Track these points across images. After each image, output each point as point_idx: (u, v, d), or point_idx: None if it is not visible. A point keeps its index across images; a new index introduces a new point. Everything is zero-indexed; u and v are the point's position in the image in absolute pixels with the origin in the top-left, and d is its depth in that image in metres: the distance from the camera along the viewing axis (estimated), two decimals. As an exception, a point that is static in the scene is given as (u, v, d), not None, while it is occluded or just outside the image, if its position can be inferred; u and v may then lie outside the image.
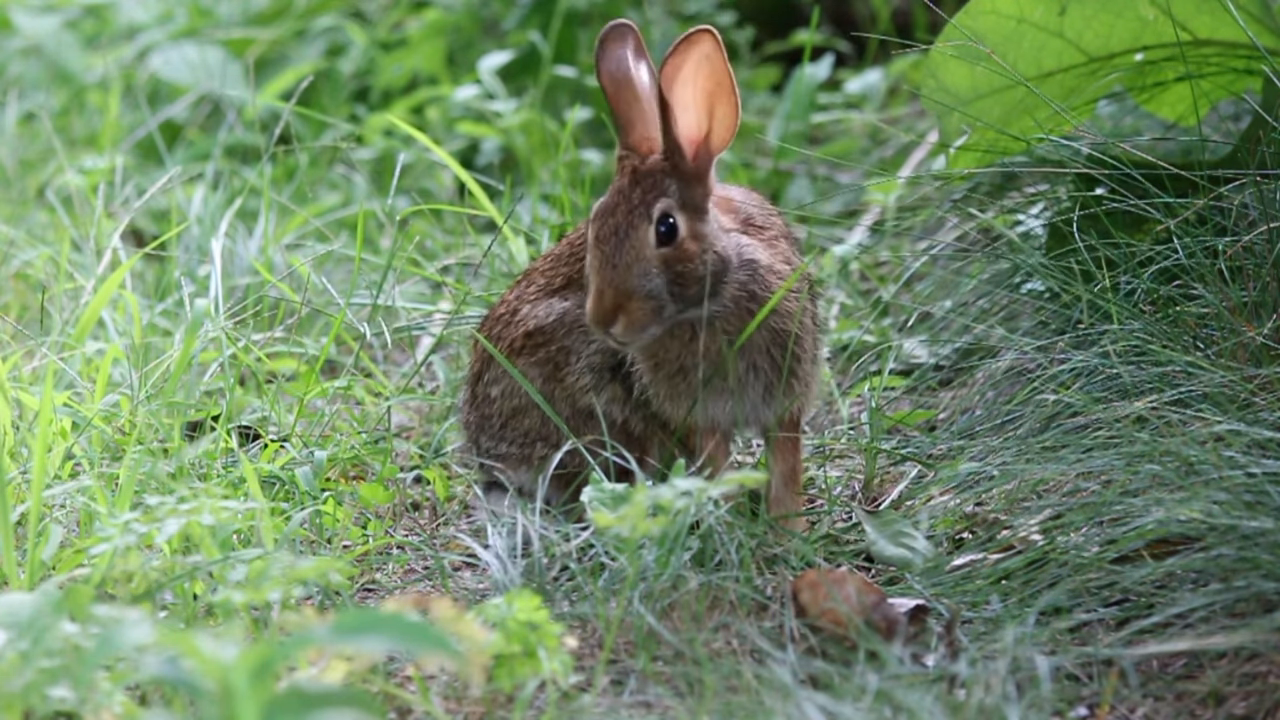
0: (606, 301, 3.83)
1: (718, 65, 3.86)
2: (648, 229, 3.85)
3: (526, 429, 4.11)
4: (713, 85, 3.87)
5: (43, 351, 4.55)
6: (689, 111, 3.88)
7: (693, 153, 3.89)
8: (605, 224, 3.86)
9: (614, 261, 3.83)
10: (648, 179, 3.88)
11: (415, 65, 6.69)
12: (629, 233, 3.84)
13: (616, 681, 3.54)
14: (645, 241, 3.85)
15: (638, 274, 3.83)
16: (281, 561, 3.44)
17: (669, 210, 3.86)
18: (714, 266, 3.88)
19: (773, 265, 3.96)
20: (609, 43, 3.96)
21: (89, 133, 6.73)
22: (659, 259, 3.85)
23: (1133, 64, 4.58)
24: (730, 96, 3.87)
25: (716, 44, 3.85)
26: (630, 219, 3.85)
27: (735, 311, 3.92)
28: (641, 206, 3.86)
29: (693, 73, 3.86)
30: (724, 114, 3.89)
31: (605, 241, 3.85)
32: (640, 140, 3.91)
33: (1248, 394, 3.88)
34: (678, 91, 3.86)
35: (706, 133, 3.89)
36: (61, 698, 3.17)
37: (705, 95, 3.87)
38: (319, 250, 5.11)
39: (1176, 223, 4.27)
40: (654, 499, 3.51)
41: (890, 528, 4.00)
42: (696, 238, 3.87)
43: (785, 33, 6.81)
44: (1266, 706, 3.39)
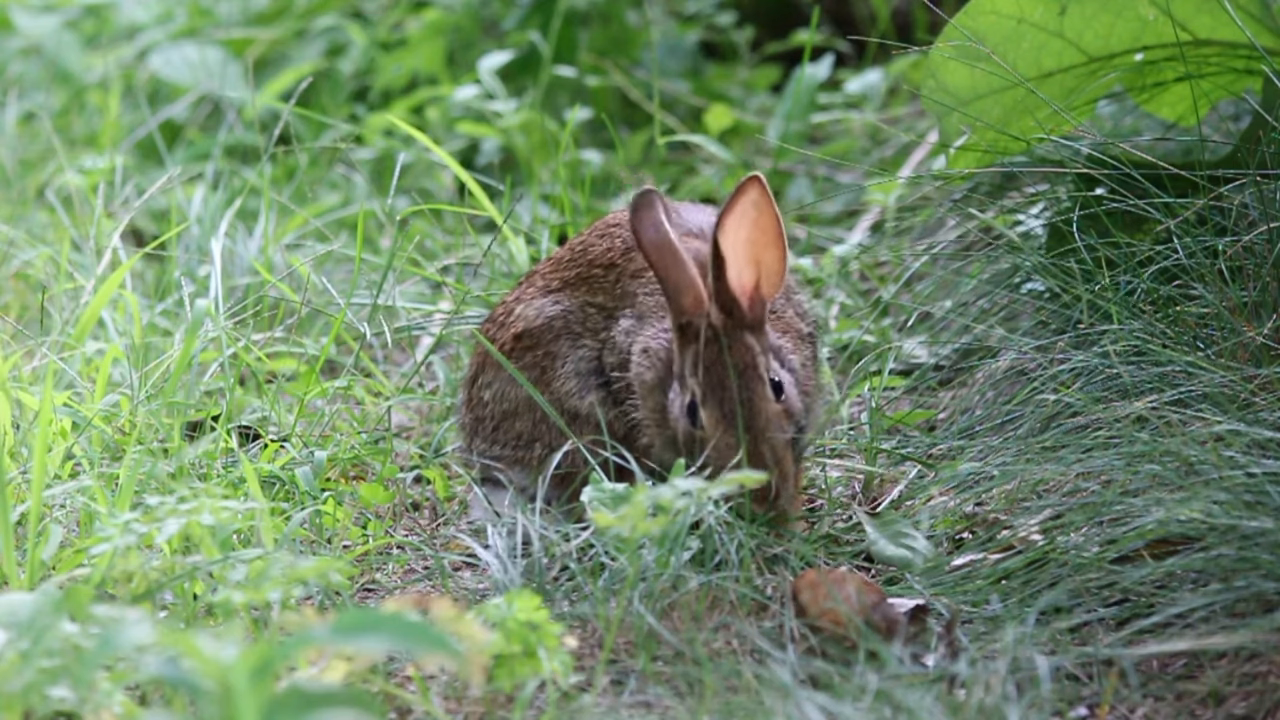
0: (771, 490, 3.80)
1: (766, 211, 3.83)
2: (764, 388, 3.84)
3: (519, 431, 4.11)
4: (759, 233, 3.84)
5: (43, 351, 4.55)
6: (739, 263, 3.84)
7: (749, 304, 3.86)
8: (727, 399, 3.81)
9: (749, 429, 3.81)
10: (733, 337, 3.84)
11: (415, 65, 6.69)
12: (751, 399, 3.82)
13: (616, 681, 3.54)
14: (768, 399, 3.84)
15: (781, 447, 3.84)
16: (281, 561, 3.44)
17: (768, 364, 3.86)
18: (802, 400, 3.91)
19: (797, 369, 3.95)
20: (642, 211, 3.89)
21: (89, 133, 6.73)
22: (778, 413, 3.85)
23: (1133, 64, 4.59)
24: (778, 242, 3.85)
25: (764, 191, 3.81)
26: (747, 383, 3.83)
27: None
28: (749, 368, 3.83)
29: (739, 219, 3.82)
30: (773, 258, 3.86)
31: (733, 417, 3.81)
32: (694, 303, 3.87)
33: (1248, 394, 3.88)
34: (729, 242, 3.82)
35: (756, 281, 3.87)
36: (61, 698, 3.17)
37: (751, 244, 3.85)
38: (319, 250, 5.11)
39: (1176, 223, 4.27)
40: (654, 499, 3.52)
41: (890, 528, 4.00)
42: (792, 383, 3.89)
43: (785, 33, 6.81)
44: (1266, 706, 3.39)
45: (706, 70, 6.80)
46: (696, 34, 6.87)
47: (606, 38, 6.68)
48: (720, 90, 6.71)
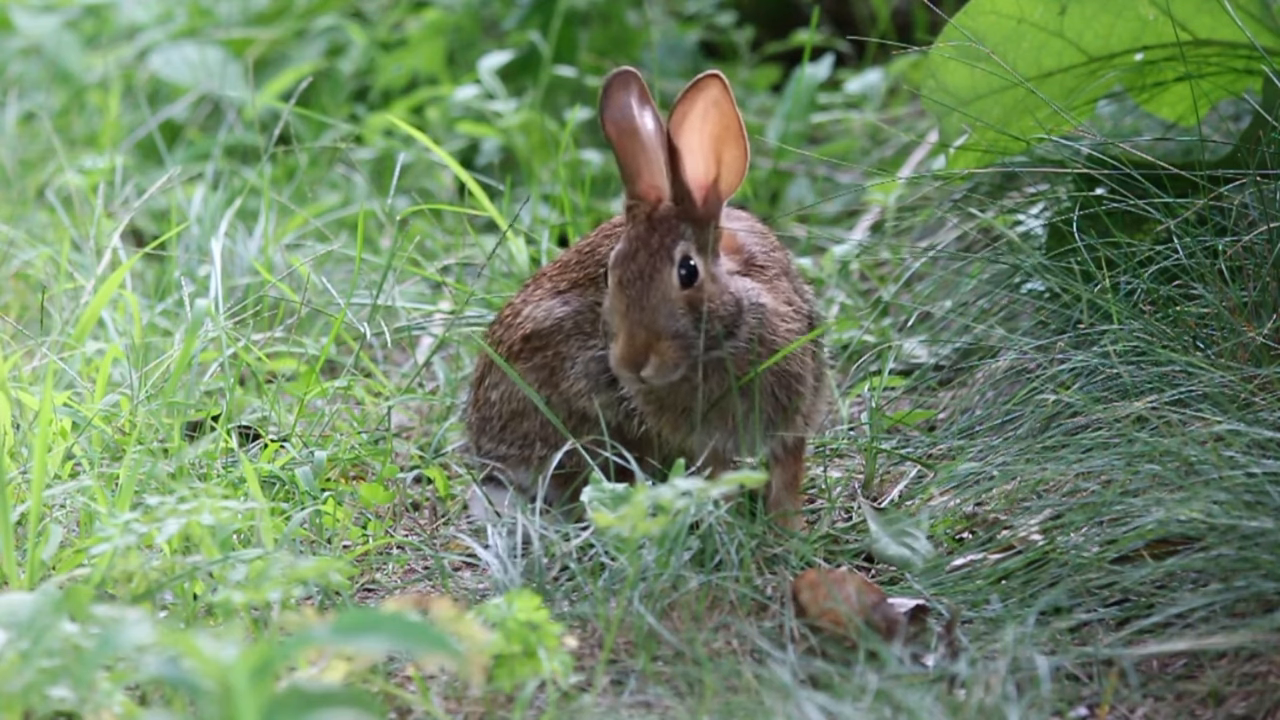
0: (638, 342, 3.85)
1: (726, 110, 3.88)
2: (671, 271, 3.88)
3: (525, 431, 4.12)
4: (721, 130, 3.89)
5: (43, 351, 4.55)
6: (697, 156, 3.89)
7: (702, 197, 3.91)
8: (628, 269, 3.88)
9: (642, 304, 3.86)
10: (664, 224, 3.90)
11: (415, 65, 6.69)
12: (653, 275, 3.87)
13: (616, 681, 3.54)
14: (670, 283, 3.87)
15: (665, 315, 3.86)
16: (281, 561, 3.44)
17: (688, 252, 3.89)
18: (730, 308, 3.91)
19: (777, 309, 3.99)
20: (613, 90, 3.96)
21: (89, 133, 6.73)
22: (683, 300, 3.88)
23: (1133, 64, 4.58)
24: (739, 140, 3.90)
25: (724, 89, 3.87)
26: (653, 262, 3.88)
27: (745, 355, 3.95)
28: (662, 250, 3.88)
29: (701, 118, 3.87)
30: (733, 158, 3.91)
31: (630, 285, 3.87)
32: (648, 189, 3.93)
33: (1248, 394, 3.88)
34: (686, 137, 3.88)
35: (715, 177, 3.91)
36: (61, 698, 3.17)
37: (713, 140, 3.89)
38: (319, 250, 5.11)
39: (1176, 223, 4.27)
40: (654, 499, 3.52)
41: (894, 525, 4.00)
42: (713, 279, 3.91)
43: (785, 33, 6.81)
44: (1266, 706, 3.39)
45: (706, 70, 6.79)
46: (696, 34, 6.87)
47: (606, 38, 6.68)
48: (720, 90, 6.70)
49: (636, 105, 3.94)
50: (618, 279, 3.89)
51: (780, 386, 3.98)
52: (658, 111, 3.96)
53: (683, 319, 3.88)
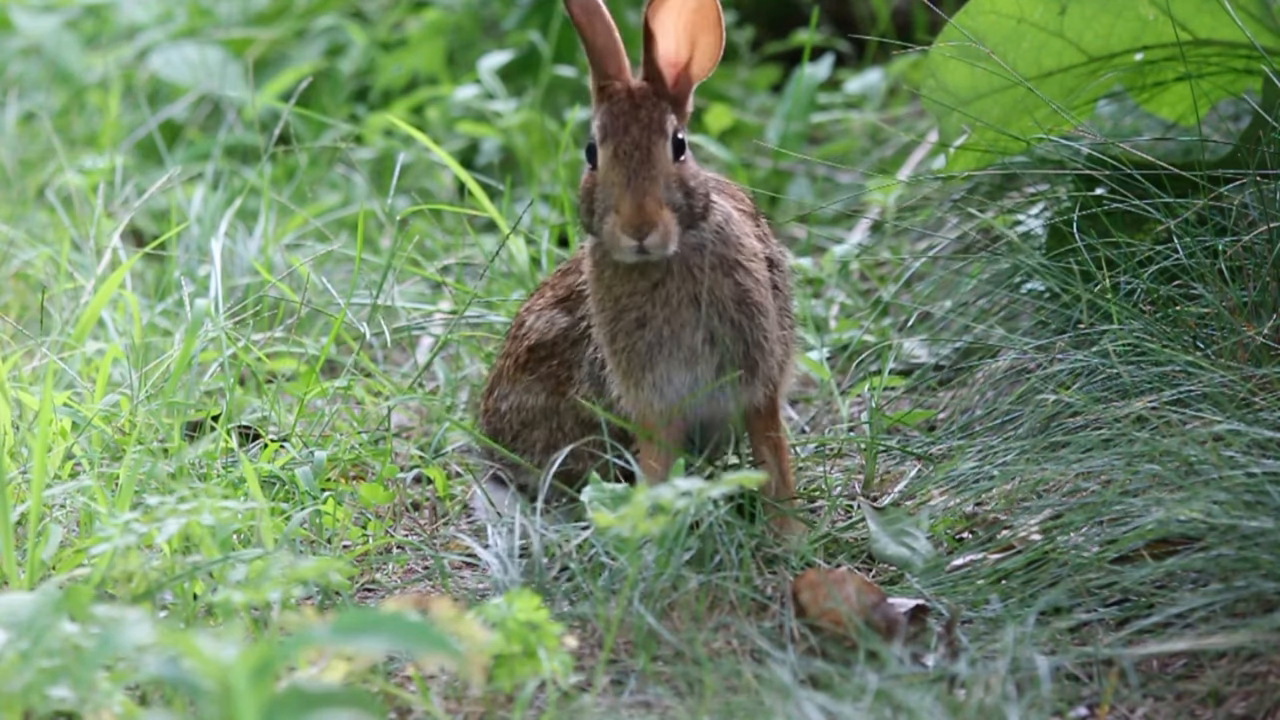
0: (647, 210, 3.82)
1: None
2: (665, 144, 3.88)
3: (535, 440, 4.12)
4: (697, 15, 3.91)
5: (43, 351, 4.55)
6: (670, 38, 3.91)
7: (674, 78, 3.93)
8: (624, 140, 3.87)
9: (643, 174, 3.85)
10: (647, 99, 3.91)
11: (415, 65, 6.69)
12: (650, 147, 3.86)
13: (616, 681, 3.54)
14: (665, 155, 3.87)
15: (665, 187, 3.86)
16: (281, 561, 3.44)
17: (677, 125, 3.90)
18: (704, 189, 3.91)
19: (744, 227, 3.98)
20: None
21: (89, 133, 6.73)
22: (676, 176, 3.88)
23: (1133, 64, 4.59)
24: (715, 27, 3.91)
25: None
26: (647, 134, 3.87)
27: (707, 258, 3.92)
28: (653, 123, 3.88)
29: (680, 2, 3.89)
30: (707, 43, 3.93)
31: (629, 156, 3.86)
32: (618, 70, 3.94)
33: (1248, 394, 3.88)
34: (662, 18, 3.90)
35: (688, 60, 3.93)
36: (61, 698, 3.17)
37: (688, 25, 3.91)
38: (319, 250, 5.11)
39: (1176, 223, 4.27)
40: (654, 499, 3.52)
41: (894, 525, 4.00)
42: (691, 159, 3.92)
43: (785, 33, 6.81)
44: (1266, 706, 3.39)
45: (706, 70, 6.79)
46: (696, 34, 6.87)
47: (606, 38, 6.67)
48: (720, 90, 6.71)
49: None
50: (614, 151, 3.86)
51: (741, 310, 3.95)
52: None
53: (677, 192, 3.87)
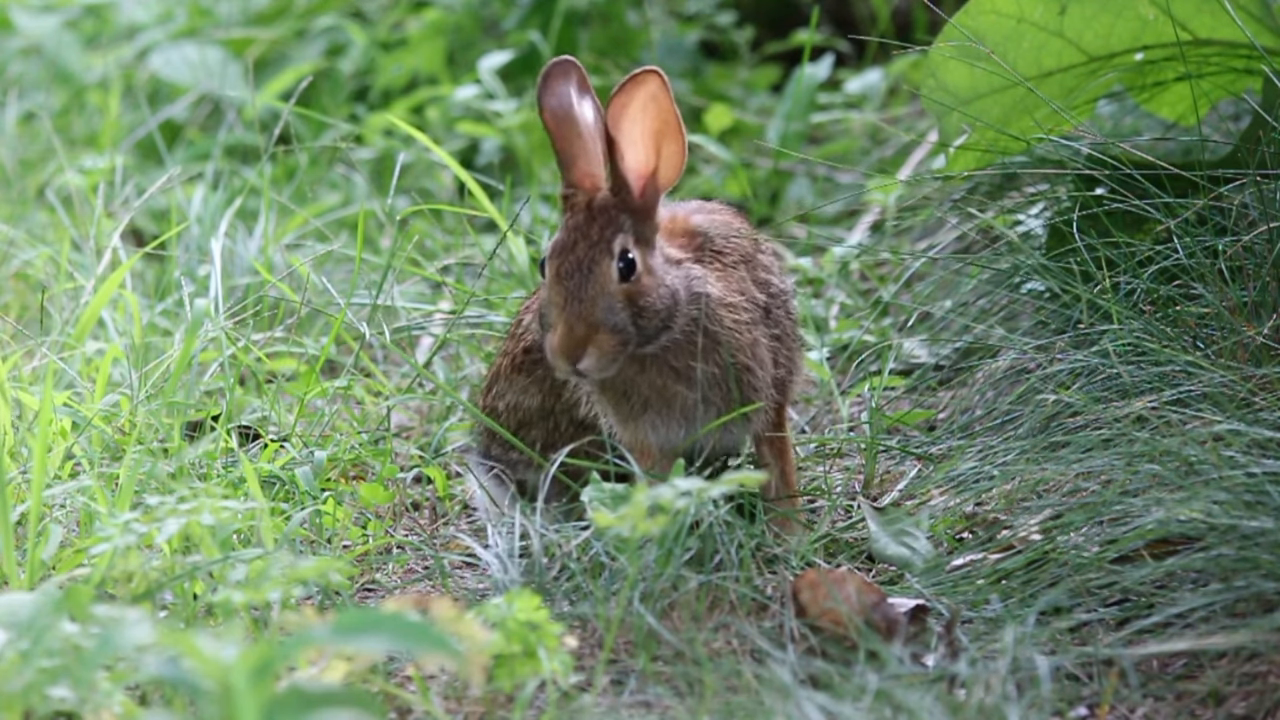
0: (576, 335, 3.82)
1: (664, 105, 3.86)
2: (610, 264, 3.85)
3: (533, 439, 4.12)
4: (660, 124, 3.87)
5: (43, 351, 4.55)
6: (636, 147, 3.87)
7: (640, 188, 3.89)
8: (566, 260, 3.85)
9: (580, 296, 3.83)
10: (603, 214, 3.87)
11: (415, 65, 6.69)
12: (592, 268, 3.84)
13: (616, 681, 3.54)
14: (609, 276, 3.84)
15: (604, 308, 3.83)
16: (281, 561, 3.44)
17: (627, 245, 3.86)
18: (666, 300, 3.88)
19: (725, 298, 3.96)
20: (552, 79, 3.93)
21: (89, 133, 6.73)
22: (622, 294, 3.85)
23: (1133, 64, 4.58)
24: (678, 135, 3.88)
25: (663, 84, 3.85)
26: (591, 254, 3.85)
27: (686, 346, 3.92)
28: (602, 242, 3.85)
29: (640, 111, 3.86)
30: (671, 152, 3.89)
31: (569, 277, 3.84)
32: (584, 177, 3.90)
33: (1248, 394, 3.88)
34: (625, 128, 3.86)
35: (654, 169, 3.89)
36: (61, 698, 3.17)
37: (652, 134, 3.88)
38: (319, 250, 5.11)
39: (1176, 223, 4.27)
40: (654, 499, 3.52)
41: (894, 525, 4.00)
42: (650, 272, 3.88)
43: (785, 33, 6.81)
44: (1266, 706, 3.39)
45: (706, 70, 6.80)
46: (696, 34, 6.87)
47: (606, 38, 6.68)
48: (720, 90, 6.71)
49: (575, 94, 3.92)
50: (556, 270, 3.85)
51: (728, 377, 3.95)
52: (598, 101, 3.94)
53: (621, 313, 3.85)
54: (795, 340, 4.12)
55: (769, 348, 4.02)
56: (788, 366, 4.07)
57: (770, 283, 4.08)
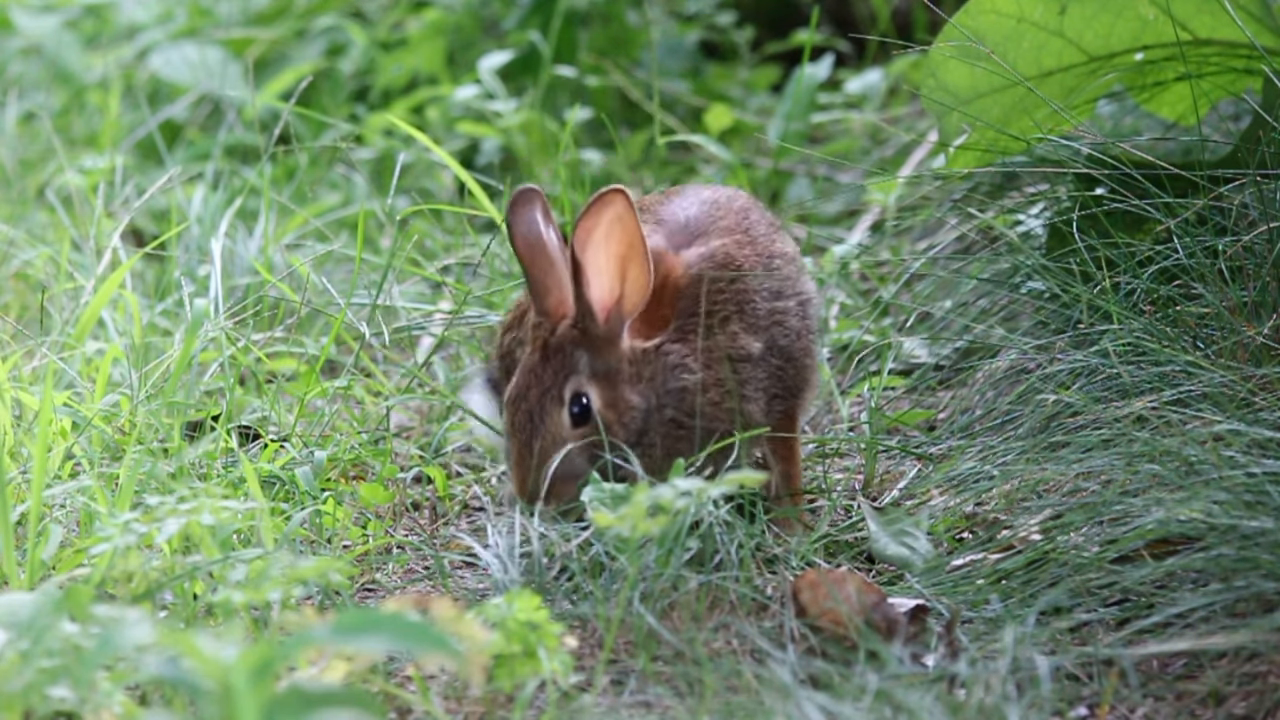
0: (530, 490, 3.84)
1: (630, 227, 3.81)
2: (560, 413, 3.84)
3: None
4: (625, 248, 3.83)
5: (43, 351, 4.55)
6: (602, 275, 3.84)
7: (604, 317, 3.85)
8: (519, 411, 3.85)
9: (532, 448, 3.84)
10: (557, 355, 3.85)
11: (415, 65, 6.69)
12: (543, 419, 3.84)
13: (616, 681, 3.54)
14: (559, 425, 3.84)
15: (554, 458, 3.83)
16: (281, 561, 3.44)
17: (580, 389, 3.84)
18: (635, 424, 3.87)
19: (703, 380, 3.92)
20: (519, 207, 3.89)
21: (89, 133, 6.73)
22: (576, 438, 3.85)
23: (1133, 64, 4.59)
24: (643, 258, 3.83)
25: (628, 205, 3.80)
26: (542, 403, 3.84)
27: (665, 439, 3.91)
28: (553, 389, 3.84)
29: (605, 235, 3.82)
30: (636, 275, 3.84)
31: (521, 430, 3.84)
32: (556, 305, 3.88)
33: (1248, 394, 3.88)
34: (590, 254, 3.81)
35: (619, 296, 3.86)
36: (61, 698, 3.17)
37: (618, 258, 3.83)
38: (319, 250, 5.11)
39: (1176, 223, 4.27)
40: (654, 499, 3.52)
41: (894, 525, 4.00)
42: (612, 406, 3.86)
43: (785, 33, 6.81)
44: (1266, 706, 3.39)
45: (706, 70, 6.80)
46: (696, 34, 6.88)
47: (606, 38, 6.68)
48: (720, 90, 6.71)
49: (541, 221, 3.89)
50: (509, 421, 3.85)
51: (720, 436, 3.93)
52: (559, 229, 3.90)
53: (576, 458, 3.84)
54: (806, 351, 4.07)
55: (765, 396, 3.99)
56: (794, 381, 4.04)
57: (774, 311, 4.04)
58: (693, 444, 3.91)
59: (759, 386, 3.98)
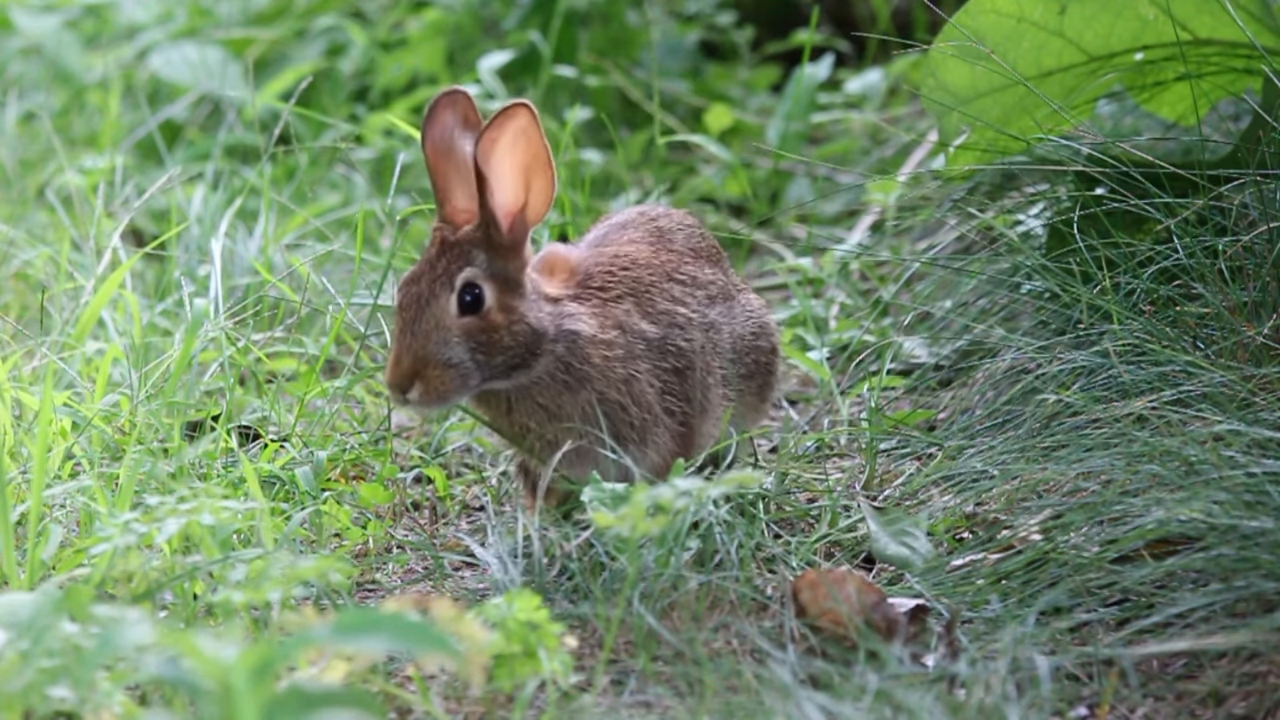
0: (403, 367, 3.82)
1: (534, 139, 3.84)
2: (449, 298, 3.84)
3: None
4: (529, 159, 3.86)
5: (43, 351, 4.55)
6: (505, 183, 3.86)
7: (508, 224, 3.87)
8: (409, 292, 3.86)
9: (413, 329, 3.83)
10: (455, 249, 3.87)
11: (415, 65, 6.69)
12: (430, 301, 3.84)
13: (616, 681, 3.54)
14: (445, 310, 3.84)
15: (436, 342, 3.83)
16: (281, 561, 3.44)
17: (474, 280, 3.85)
18: (523, 338, 3.87)
19: (597, 335, 3.93)
20: (438, 110, 3.91)
21: (89, 133, 6.73)
22: (460, 328, 3.84)
23: (1133, 63, 4.59)
24: (547, 169, 3.86)
25: (533, 118, 3.83)
26: (433, 287, 3.85)
27: (551, 384, 3.91)
28: (445, 276, 3.85)
29: (510, 146, 3.84)
30: (540, 187, 3.87)
31: (407, 309, 3.85)
32: (456, 212, 3.90)
33: (1248, 394, 3.88)
34: (495, 164, 3.84)
35: (523, 205, 3.88)
36: (61, 698, 3.17)
37: (522, 169, 3.86)
38: (319, 250, 5.11)
39: (1176, 223, 4.27)
40: (654, 499, 3.52)
41: (894, 525, 4.00)
42: (505, 309, 3.86)
43: (785, 33, 6.81)
44: (1266, 706, 3.39)
45: (706, 70, 6.80)
46: (696, 34, 6.88)
47: (606, 38, 6.68)
48: (720, 90, 6.71)
49: (459, 127, 3.90)
50: (398, 302, 3.86)
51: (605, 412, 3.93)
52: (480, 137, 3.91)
53: (456, 347, 3.83)
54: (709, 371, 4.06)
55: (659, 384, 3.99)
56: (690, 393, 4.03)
57: (674, 313, 4.04)
58: (579, 405, 3.91)
59: (654, 375, 3.97)
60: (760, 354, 4.17)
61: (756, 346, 4.17)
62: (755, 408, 4.20)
